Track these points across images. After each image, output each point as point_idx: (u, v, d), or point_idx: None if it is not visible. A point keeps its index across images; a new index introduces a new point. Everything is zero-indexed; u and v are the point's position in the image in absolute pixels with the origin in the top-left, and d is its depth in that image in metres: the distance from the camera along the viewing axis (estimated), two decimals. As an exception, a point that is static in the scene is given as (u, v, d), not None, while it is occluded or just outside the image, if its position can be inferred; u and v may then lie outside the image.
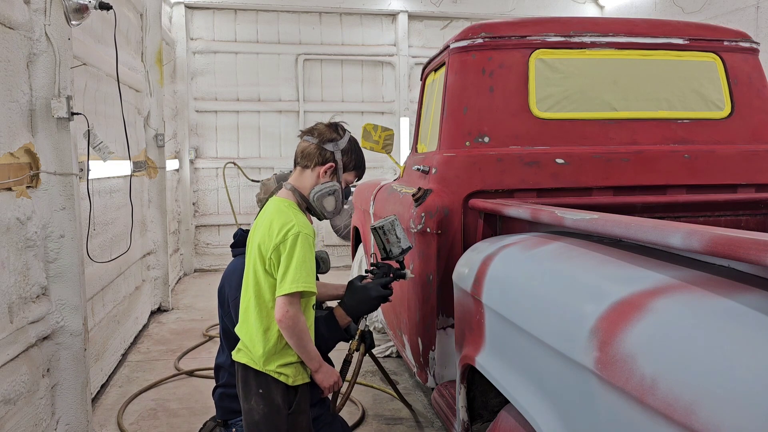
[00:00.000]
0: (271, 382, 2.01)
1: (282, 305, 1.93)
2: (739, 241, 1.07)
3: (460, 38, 2.76)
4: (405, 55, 8.27)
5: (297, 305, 1.94)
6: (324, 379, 2.08)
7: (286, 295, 1.92)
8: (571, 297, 1.45)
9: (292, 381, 2.03)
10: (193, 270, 7.94)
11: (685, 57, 2.81)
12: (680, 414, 0.98)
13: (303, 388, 2.07)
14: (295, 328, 1.94)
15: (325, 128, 2.11)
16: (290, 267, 1.91)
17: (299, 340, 1.96)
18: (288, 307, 1.92)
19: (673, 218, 2.45)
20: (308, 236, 1.96)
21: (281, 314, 1.93)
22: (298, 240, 1.93)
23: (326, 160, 2.07)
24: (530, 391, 1.55)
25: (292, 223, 1.95)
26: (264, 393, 2.02)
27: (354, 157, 2.13)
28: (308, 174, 2.08)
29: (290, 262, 1.92)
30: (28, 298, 2.72)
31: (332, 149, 2.07)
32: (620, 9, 8.13)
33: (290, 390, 2.04)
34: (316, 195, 2.05)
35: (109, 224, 4.10)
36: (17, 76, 2.65)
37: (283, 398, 2.02)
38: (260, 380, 2.02)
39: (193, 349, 4.71)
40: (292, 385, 2.03)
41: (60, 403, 2.96)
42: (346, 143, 2.10)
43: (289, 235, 1.93)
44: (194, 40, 7.87)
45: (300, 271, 1.92)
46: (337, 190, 2.07)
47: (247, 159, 8.06)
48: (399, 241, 2.32)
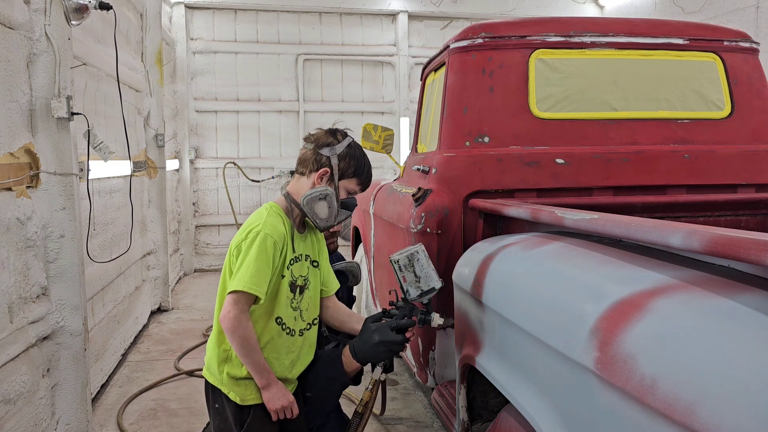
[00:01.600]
0: (223, 397, 1.90)
1: (226, 305, 1.80)
2: (739, 241, 1.07)
3: (460, 38, 2.76)
4: (405, 55, 8.27)
5: (242, 307, 1.79)
6: (271, 399, 1.85)
7: (231, 294, 1.79)
8: (571, 297, 1.45)
9: (240, 400, 1.88)
10: (193, 270, 7.95)
11: (685, 57, 2.81)
12: (680, 414, 0.98)
13: (257, 409, 1.89)
14: (236, 331, 1.78)
15: (323, 133, 2.01)
16: (242, 266, 1.79)
17: (241, 347, 1.80)
18: (230, 307, 1.78)
19: (673, 218, 2.45)
20: (270, 238, 1.83)
21: (223, 314, 1.80)
22: (257, 240, 1.81)
23: (321, 165, 1.95)
24: (530, 391, 1.55)
25: (259, 224, 1.85)
26: (219, 408, 1.93)
27: (353, 163, 1.98)
28: (304, 180, 1.98)
29: (243, 261, 1.80)
30: (28, 298, 2.72)
31: (328, 154, 1.95)
32: (620, 9, 8.13)
33: (242, 409, 1.89)
34: (306, 200, 1.91)
35: (109, 224, 4.10)
36: (17, 76, 2.65)
37: (234, 418, 1.89)
38: (216, 394, 1.93)
39: (193, 349, 4.71)
40: (243, 405, 1.89)
41: (60, 403, 2.96)
42: (344, 148, 1.97)
43: (251, 234, 1.83)
44: (194, 40, 7.87)
45: (248, 271, 1.78)
46: (329, 195, 1.91)
47: (247, 159, 8.06)
48: (418, 281, 1.95)
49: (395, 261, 1.97)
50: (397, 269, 1.97)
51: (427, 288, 1.96)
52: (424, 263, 1.96)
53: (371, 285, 4.15)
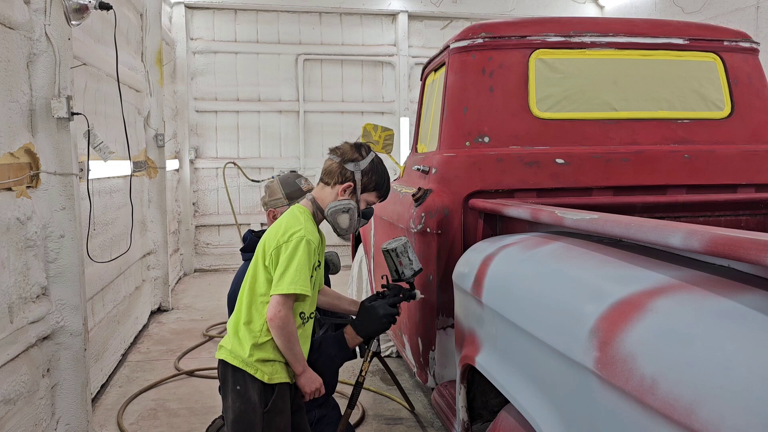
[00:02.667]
0: (248, 378, 2.01)
1: (275, 304, 1.95)
2: (739, 241, 1.07)
3: (460, 38, 2.76)
4: (405, 55, 8.27)
5: (290, 307, 1.97)
6: (306, 383, 2.08)
7: (282, 295, 1.94)
8: (571, 297, 1.45)
9: (268, 378, 2.02)
10: (193, 270, 7.95)
11: (685, 57, 2.81)
12: (680, 414, 0.98)
13: (281, 388, 2.06)
14: (284, 329, 1.96)
15: (349, 148, 2.17)
16: (289, 268, 1.95)
17: (287, 341, 1.98)
18: (281, 307, 1.95)
19: (673, 218, 2.45)
20: (311, 243, 2.00)
21: (273, 313, 1.95)
22: (301, 244, 1.97)
23: (346, 179, 2.12)
24: (530, 391, 1.55)
25: (300, 228, 2.01)
26: (240, 390, 2.02)
27: (375, 178, 2.17)
28: (328, 190, 2.14)
29: (290, 264, 1.95)
30: (28, 298, 2.72)
31: (352, 169, 2.13)
32: (620, 9, 8.13)
33: (267, 388, 2.03)
34: (330, 210, 2.10)
35: (109, 224, 4.10)
36: (17, 76, 2.65)
37: (260, 396, 2.02)
38: (237, 376, 2.03)
39: (193, 349, 4.71)
40: (269, 383, 2.03)
41: (60, 403, 2.96)
42: (367, 164, 2.15)
43: (294, 237, 1.98)
44: (194, 40, 7.87)
45: (299, 274, 1.95)
46: (352, 209, 2.11)
47: (247, 159, 8.06)
48: (411, 263, 2.33)
49: (392, 249, 2.32)
50: (395, 256, 2.33)
51: (418, 268, 2.36)
52: (411, 250, 2.36)
53: (371, 284, 4.15)
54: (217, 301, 6.25)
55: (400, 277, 2.35)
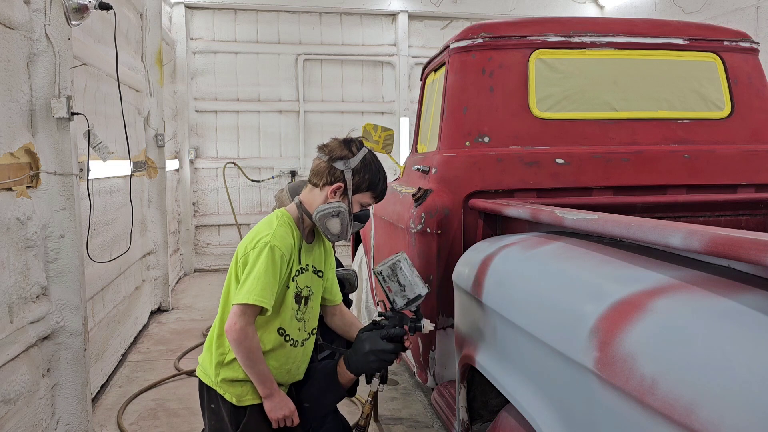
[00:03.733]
0: (219, 398, 1.90)
1: (232, 315, 1.78)
2: (739, 241, 1.07)
3: (460, 38, 2.76)
4: (405, 55, 8.27)
5: (248, 318, 1.78)
6: (273, 409, 1.86)
7: (239, 306, 1.77)
8: (571, 297, 1.45)
9: (237, 401, 1.88)
10: (193, 270, 7.95)
11: (685, 57, 2.81)
12: (680, 414, 0.98)
13: (253, 410, 1.89)
14: (242, 343, 1.78)
15: (337, 145, 1.94)
16: (249, 277, 1.78)
17: (247, 358, 1.80)
18: (237, 319, 1.77)
19: (673, 218, 2.45)
20: (276, 250, 1.80)
21: (229, 325, 1.79)
22: (265, 251, 1.78)
23: (335, 179, 1.90)
24: (530, 391, 1.55)
25: (268, 233, 1.83)
26: (214, 408, 1.93)
27: (368, 177, 1.93)
28: (317, 192, 1.93)
29: (251, 272, 1.78)
30: (28, 298, 2.72)
31: (342, 168, 1.89)
32: (620, 9, 8.13)
33: (238, 410, 1.89)
34: (318, 215, 1.89)
35: (109, 224, 4.10)
36: (17, 76, 2.65)
37: (230, 418, 1.89)
38: (211, 395, 1.93)
39: (193, 349, 4.71)
40: (239, 405, 1.89)
41: (60, 403, 2.96)
42: (358, 162, 1.91)
43: (259, 244, 1.80)
44: (194, 40, 7.87)
45: (258, 283, 1.76)
46: (342, 212, 1.88)
47: (247, 159, 8.06)
48: (403, 290, 1.93)
49: (378, 273, 1.95)
50: (381, 280, 1.95)
51: (413, 296, 1.94)
52: (407, 272, 1.94)
53: (371, 285, 4.15)
54: (217, 301, 6.21)
55: (393, 307, 1.97)
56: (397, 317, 1.97)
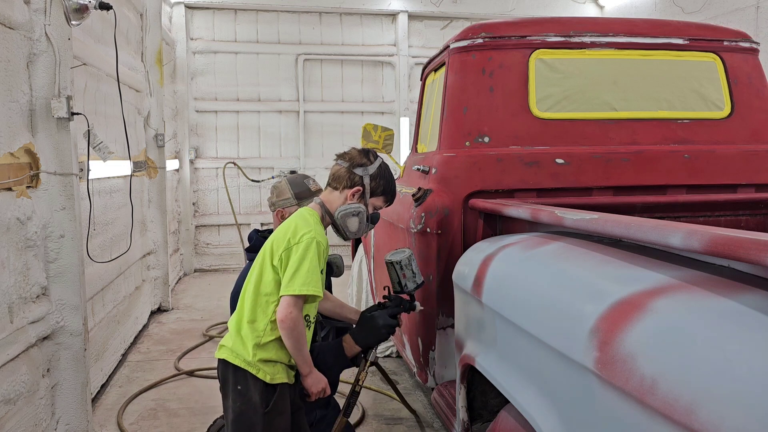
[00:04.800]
0: (249, 378, 2.01)
1: (286, 305, 1.96)
2: (739, 241, 1.07)
3: (460, 38, 2.76)
4: (405, 55, 8.27)
5: (301, 308, 1.98)
6: (313, 384, 2.09)
7: (293, 296, 1.95)
8: (571, 297, 1.45)
9: (270, 378, 2.03)
10: (193, 270, 7.94)
11: (685, 57, 2.81)
12: (680, 414, 0.98)
13: (282, 388, 2.06)
14: (294, 330, 1.97)
15: (357, 153, 2.20)
16: (300, 269, 1.96)
17: (297, 342, 1.99)
18: (292, 308, 1.95)
19: (673, 218, 2.45)
20: (321, 245, 2.02)
21: (284, 314, 1.95)
22: (312, 245, 1.98)
23: (354, 183, 2.15)
24: (530, 391, 1.55)
25: (311, 229, 2.02)
26: (242, 389, 2.02)
27: (382, 182, 2.19)
28: (337, 195, 2.16)
29: (301, 265, 1.96)
30: (28, 298, 2.72)
31: (361, 174, 2.15)
32: (620, 9, 8.13)
33: (269, 388, 2.03)
34: (340, 214, 2.13)
35: (109, 224, 4.10)
36: (17, 76, 2.65)
37: (261, 396, 2.02)
38: (238, 376, 2.02)
39: (193, 349, 4.71)
40: (271, 383, 2.03)
41: (60, 403, 2.96)
42: (375, 169, 2.18)
43: (305, 239, 1.99)
44: (194, 40, 7.87)
45: (311, 275, 1.96)
46: (362, 213, 2.14)
47: (247, 159, 8.06)
48: (414, 276, 2.33)
49: (396, 262, 2.31)
50: (398, 268, 2.32)
51: (420, 281, 2.36)
52: (415, 262, 2.36)
53: (371, 284, 4.15)
54: (217, 301, 6.25)
55: (402, 290, 2.35)
56: (397, 299, 2.37)
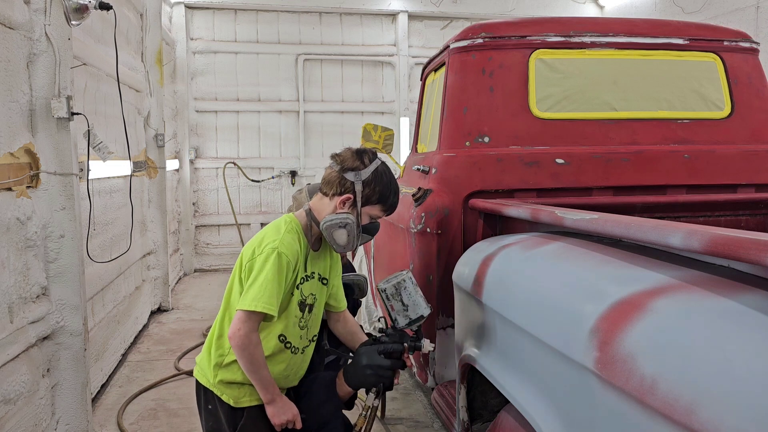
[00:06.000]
0: (216, 399, 1.90)
1: (236, 321, 1.77)
2: (739, 241, 1.07)
3: (460, 38, 2.76)
4: (405, 55, 8.27)
5: (252, 325, 1.77)
6: (276, 414, 1.85)
7: (244, 312, 1.76)
8: (571, 297, 1.45)
9: (234, 402, 1.88)
10: (193, 270, 7.95)
11: (685, 57, 2.81)
12: (680, 414, 0.98)
13: (251, 411, 1.89)
14: (245, 349, 1.77)
15: (350, 155, 1.92)
16: (255, 283, 1.77)
17: (250, 363, 1.79)
18: (241, 325, 1.75)
19: (673, 218, 2.45)
20: (283, 257, 1.79)
21: (233, 330, 1.77)
22: (272, 257, 1.77)
23: (345, 190, 1.88)
24: (530, 391, 1.55)
25: (276, 239, 1.82)
26: (212, 409, 1.92)
27: (378, 189, 1.90)
28: (326, 202, 1.92)
29: (257, 278, 1.77)
30: (28, 298, 2.72)
31: (353, 179, 1.87)
32: (620, 9, 8.13)
33: (235, 412, 1.89)
34: (325, 225, 1.88)
35: (109, 224, 4.10)
36: (17, 76, 2.65)
37: (228, 419, 1.88)
38: (208, 395, 1.92)
39: (193, 349, 4.71)
40: (237, 407, 1.89)
41: (60, 403, 2.96)
42: (369, 174, 1.89)
43: (266, 249, 1.79)
44: (194, 40, 7.87)
45: (264, 290, 1.75)
46: (350, 224, 1.86)
47: (247, 159, 8.06)
48: (406, 309, 1.92)
49: (382, 290, 1.93)
50: (384, 298, 1.93)
51: (416, 316, 1.93)
52: (411, 291, 1.93)
53: (371, 285, 4.15)
54: (217, 301, 6.22)
55: (394, 325, 1.95)
56: (397, 334, 1.96)
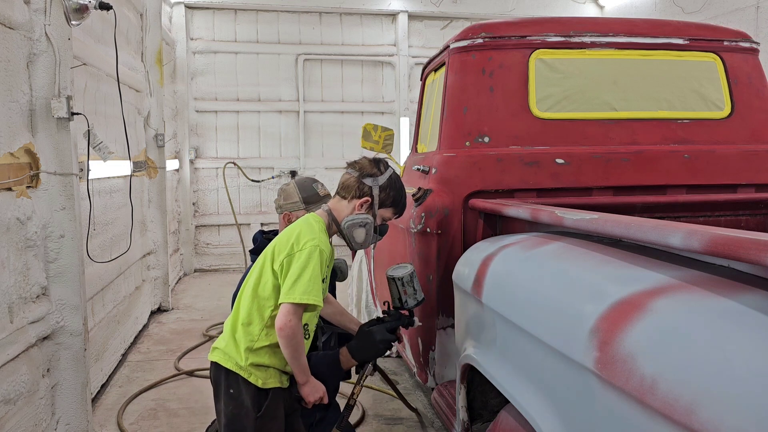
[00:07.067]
0: (241, 382, 1.99)
1: (286, 313, 1.91)
2: (739, 241, 1.07)
3: (460, 38, 2.76)
4: (405, 55, 8.27)
5: (300, 316, 1.94)
6: (310, 393, 2.05)
7: (293, 304, 1.90)
8: (571, 297, 1.45)
9: (262, 383, 2.00)
10: (193, 270, 7.94)
11: (685, 57, 2.81)
12: (680, 414, 0.98)
13: (275, 392, 2.03)
14: (293, 339, 1.92)
15: (368, 163, 2.15)
16: (302, 277, 1.91)
17: (294, 351, 1.95)
18: (291, 317, 1.91)
19: (673, 218, 2.45)
20: (324, 254, 1.98)
21: (283, 322, 1.91)
22: (315, 253, 1.94)
23: (363, 194, 2.11)
24: (530, 391, 1.55)
25: (315, 237, 1.98)
26: (234, 393, 1.99)
27: (392, 194, 2.14)
28: (345, 204, 2.12)
29: (303, 273, 1.92)
30: (28, 298, 2.72)
31: (371, 184, 2.11)
32: (620, 9, 8.13)
33: (261, 393, 2.00)
34: (347, 224, 2.09)
35: (109, 224, 4.10)
36: (17, 76, 2.65)
37: (253, 400, 1.99)
38: (231, 379, 2.00)
39: (193, 349, 4.71)
40: (263, 388, 2.00)
41: (60, 403, 2.96)
42: (385, 180, 2.13)
43: (308, 246, 1.95)
44: (194, 40, 7.87)
45: (312, 284, 1.92)
46: (369, 224, 2.09)
47: (247, 159, 8.06)
48: (415, 293, 2.31)
49: (399, 278, 2.29)
50: (400, 285, 2.29)
51: (421, 298, 2.33)
52: (416, 279, 2.33)
53: (371, 285, 4.15)
54: (217, 301, 6.25)
55: (403, 306, 2.32)
56: (396, 314, 2.33)
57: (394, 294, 2.33)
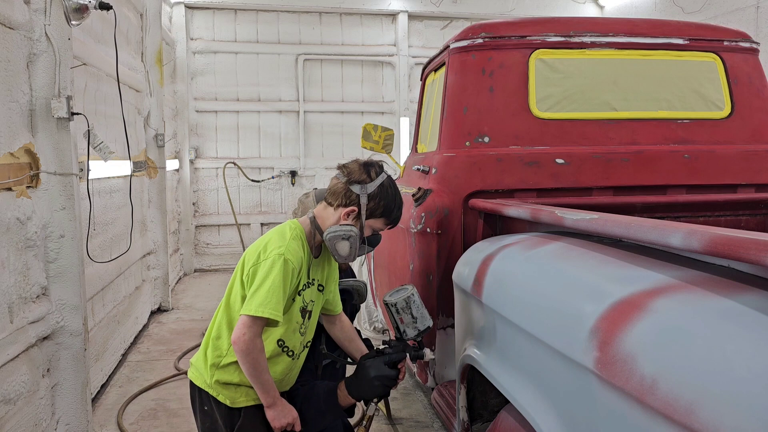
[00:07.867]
0: (212, 400, 1.90)
1: (241, 326, 1.77)
2: (739, 241, 1.07)
3: (460, 38, 2.76)
4: (405, 55, 8.27)
5: (257, 330, 1.77)
6: (276, 417, 1.86)
7: (249, 317, 1.76)
8: (571, 297, 1.45)
9: (231, 402, 1.89)
10: (193, 270, 7.94)
11: (685, 57, 2.81)
12: (680, 414, 0.98)
13: (248, 411, 1.90)
14: (249, 354, 1.77)
15: (357, 168, 1.95)
16: (261, 288, 1.77)
17: (252, 368, 1.79)
18: (246, 330, 1.75)
19: (673, 218, 2.45)
20: (289, 263, 1.81)
21: (237, 335, 1.76)
22: (278, 263, 1.78)
23: (350, 202, 1.91)
24: (530, 391, 1.55)
25: (282, 245, 1.83)
26: (208, 410, 1.92)
27: (383, 203, 1.93)
28: (331, 212, 1.94)
29: (263, 284, 1.77)
30: (28, 298, 2.72)
31: (358, 192, 1.91)
32: (620, 9, 8.13)
33: (232, 412, 1.89)
34: (329, 236, 1.90)
35: (109, 224, 4.10)
36: (17, 76, 2.65)
37: (224, 420, 1.88)
38: (203, 397, 1.92)
39: (193, 349, 4.71)
40: (233, 407, 1.89)
41: (60, 403, 2.96)
42: (375, 188, 1.92)
43: (272, 255, 1.80)
44: (194, 40, 7.87)
45: (271, 296, 1.76)
46: (353, 237, 1.88)
47: (247, 159, 8.06)
48: (415, 321, 2.01)
49: (392, 304, 2.00)
50: (395, 312, 2.01)
51: (423, 327, 2.02)
52: (419, 304, 2.02)
53: (371, 285, 4.15)
54: (217, 301, 6.21)
55: (402, 336, 2.05)
56: (400, 345, 2.03)
57: (392, 322, 2.07)
